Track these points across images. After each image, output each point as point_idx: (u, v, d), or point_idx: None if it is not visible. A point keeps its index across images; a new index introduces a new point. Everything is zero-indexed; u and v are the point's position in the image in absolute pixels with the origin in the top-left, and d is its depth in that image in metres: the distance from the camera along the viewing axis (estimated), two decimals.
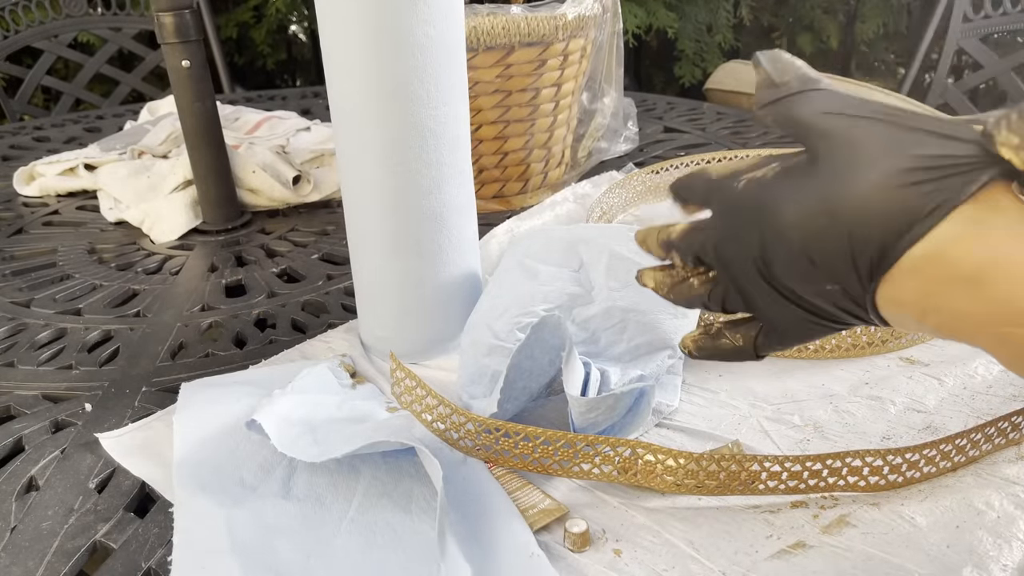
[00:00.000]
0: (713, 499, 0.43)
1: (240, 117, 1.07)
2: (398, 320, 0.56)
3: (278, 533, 0.41)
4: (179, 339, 0.62)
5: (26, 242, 0.84)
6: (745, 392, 0.52)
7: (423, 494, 0.44)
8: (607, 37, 0.88)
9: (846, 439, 0.48)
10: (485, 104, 0.79)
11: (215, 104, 0.80)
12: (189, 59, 0.77)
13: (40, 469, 0.48)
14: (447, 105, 0.51)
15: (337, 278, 0.72)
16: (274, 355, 0.59)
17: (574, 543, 0.40)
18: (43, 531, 0.43)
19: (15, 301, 0.70)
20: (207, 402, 0.52)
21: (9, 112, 1.54)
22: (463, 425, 0.46)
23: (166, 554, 0.41)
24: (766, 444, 0.47)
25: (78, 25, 1.58)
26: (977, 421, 0.48)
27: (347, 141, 0.52)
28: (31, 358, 0.60)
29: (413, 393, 0.50)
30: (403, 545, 0.40)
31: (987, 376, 0.53)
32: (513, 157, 0.84)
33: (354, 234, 0.55)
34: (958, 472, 0.44)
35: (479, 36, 0.75)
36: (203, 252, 0.80)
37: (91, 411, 0.53)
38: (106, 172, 0.91)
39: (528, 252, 0.54)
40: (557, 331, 0.47)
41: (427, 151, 0.51)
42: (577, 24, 0.79)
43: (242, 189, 0.87)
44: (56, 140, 1.18)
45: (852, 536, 0.40)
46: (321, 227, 0.84)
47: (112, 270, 0.76)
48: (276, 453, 0.46)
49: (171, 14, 0.75)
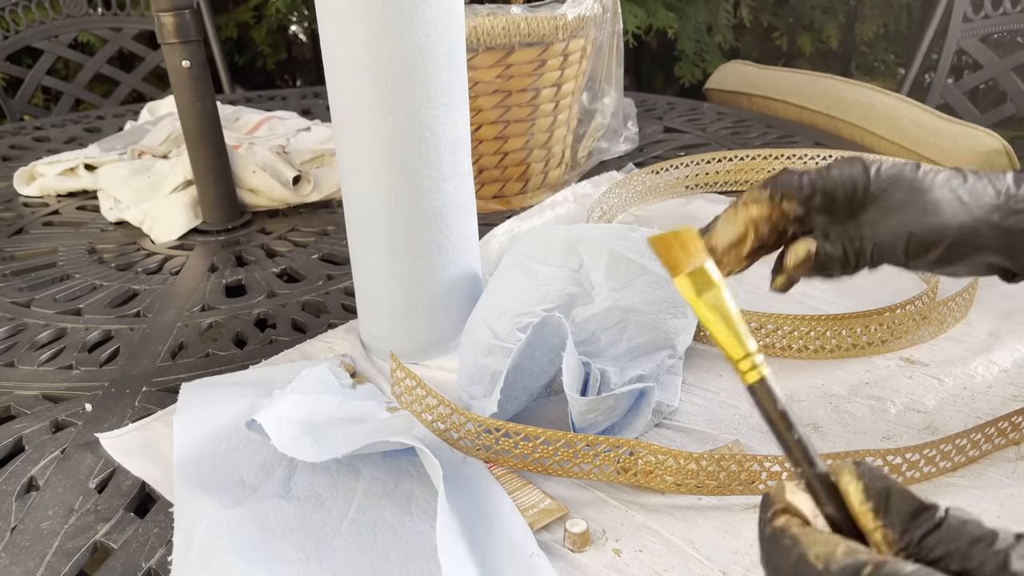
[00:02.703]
0: (713, 499, 0.43)
1: (240, 117, 1.07)
2: (398, 320, 0.56)
3: (278, 533, 0.41)
4: (179, 339, 0.62)
5: (26, 242, 0.84)
6: (745, 392, 0.52)
7: (423, 494, 0.44)
8: (607, 37, 0.88)
9: (846, 439, 0.48)
10: (485, 104, 0.79)
11: (215, 104, 0.80)
12: (189, 59, 0.77)
13: (40, 469, 0.48)
14: (447, 105, 0.51)
15: (337, 278, 0.72)
16: (274, 355, 0.59)
17: (574, 543, 0.40)
18: (43, 531, 0.43)
19: (15, 301, 0.70)
20: (207, 402, 0.52)
21: (9, 112, 1.54)
22: (463, 425, 0.46)
23: (166, 554, 0.41)
24: (766, 444, 0.47)
25: (78, 25, 1.58)
26: (977, 421, 0.49)
27: (347, 141, 0.52)
28: (31, 358, 0.60)
29: (413, 393, 0.50)
30: (403, 545, 0.40)
31: (987, 376, 0.53)
32: (513, 157, 0.84)
33: (354, 234, 0.55)
34: (958, 472, 0.44)
35: (479, 36, 0.75)
36: (203, 252, 0.80)
37: (91, 411, 0.53)
38: (106, 172, 0.91)
39: (528, 252, 0.54)
40: (557, 331, 0.47)
41: (427, 151, 0.51)
42: (577, 24, 0.79)
43: (242, 189, 0.87)
44: (56, 140, 1.18)
45: None
46: (321, 227, 0.84)
47: (112, 270, 0.76)
48: (276, 453, 0.46)
49: (171, 14, 0.75)
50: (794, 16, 2.49)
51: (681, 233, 0.30)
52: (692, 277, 0.29)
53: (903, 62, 2.49)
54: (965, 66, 1.70)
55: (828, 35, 2.40)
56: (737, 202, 0.41)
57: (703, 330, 0.57)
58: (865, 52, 2.53)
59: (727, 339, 0.29)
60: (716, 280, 0.29)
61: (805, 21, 2.44)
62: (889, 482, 0.27)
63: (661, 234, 0.30)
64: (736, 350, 0.29)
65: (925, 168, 0.40)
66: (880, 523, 0.27)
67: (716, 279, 0.29)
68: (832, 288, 0.65)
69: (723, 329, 0.29)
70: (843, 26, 2.45)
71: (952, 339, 0.58)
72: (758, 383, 0.29)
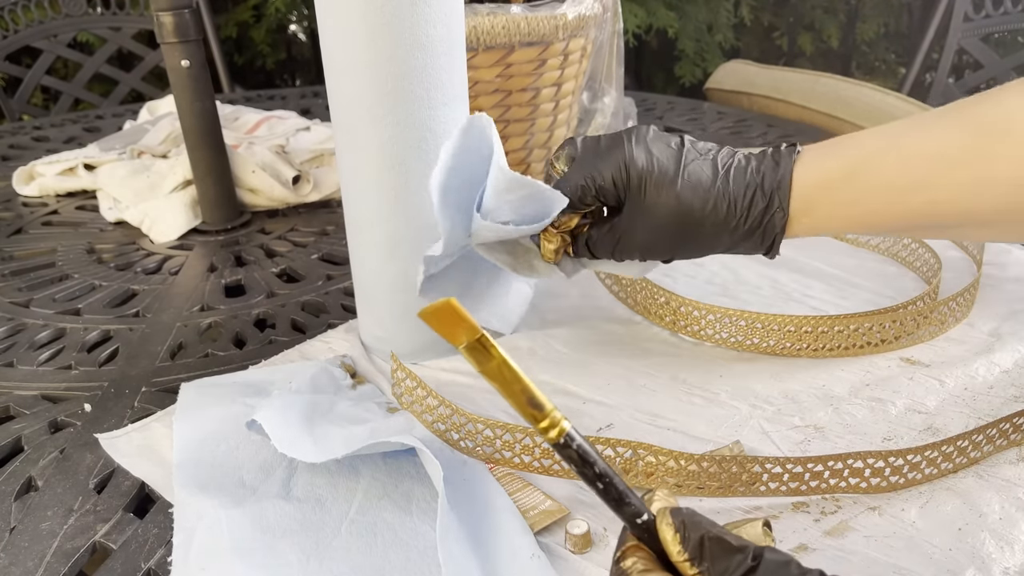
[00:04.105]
0: (714, 500, 0.43)
1: (240, 117, 1.07)
2: (398, 320, 0.56)
3: (278, 534, 0.41)
4: (178, 339, 0.62)
5: (25, 242, 0.84)
6: (746, 393, 0.52)
7: (423, 495, 0.44)
8: (607, 37, 0.88)
9: (847, 440, 0.48)
10: (485, 104, 0.79)
11: (215, 104, 0.80)
12: (189, 59, 0.77)
13: (39, 469, 0.48)
14: (447, 105, 0.51)
15: (337, 278, 0.72)
16: (274, 355, 0.58)
17: (575, 544, 0.40)
18: (42, 531, 0.43)
19: (14, 301, 0.70)
20: (207, 403, 0.52)
21: (8, 112, 1.54)
22: (464, 426, 0.46)
23: (166, 555, 0.41)
24: (767, 445, 0.47)
25: (77, 25, 1.58)
26: (978, 422, 0.48)
27: (347, 141, 0.52)
28: (30, 358, 0.60)
29: (414, 394, 0.50)
30: (403, 546, 0.40)
31: (988, 377, 0.53)
32: (513, 157, 0.84)
33: (354, 234, 0.55)
34: (959, 473, 0.44)
35: (479, 36, 0.74)
36: (202, 252, 0.79)
37: (90, 411, 0.53)
38: (105, 172, 0.91)
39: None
40: (484, 135, 0.47)
41: (427, 151, 0.51)
42: (577, 24, 0.79)
43: (242, 189, 0.87)
44: (55, 140, 1.18)
45: (854, 539, 0.40)
46: (321, 227, 0.84)
47: (111, 270, 0.76)
48: (276, 454, 0.46)
49: (171, 13, 0.75)
50: (795, 15, 2.49)
51: (444, 306, 0.29)
52: (470, 351, 0.29)
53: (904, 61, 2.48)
54: (966, 65, 1.70)
55: (829, 34, 2.40)
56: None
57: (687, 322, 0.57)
58: (866, 52, 2.53)
59: (518, 406, 0.29)
60: (494, 353, 0.29)
61: (806, 20, 2.44)
62: (704, 529, 0.28)
63: (427, 308, 0.29)
64: (530, 414, 0.29)
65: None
66: (697, 571, 0.28)
67: (494, 352, 0.29)
68: (833, 288, 0.65)
69: (511, 397, 0.29)
70: (844, 25, 2.45)
71: (953, 339, 0.57)
72: (561, 441, 0.29)
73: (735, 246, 0.49)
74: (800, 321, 0.55)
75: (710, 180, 0.47)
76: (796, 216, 0.47)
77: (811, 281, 0.66)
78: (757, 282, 0.67)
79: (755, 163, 0.47)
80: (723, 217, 0.47)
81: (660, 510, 0.30)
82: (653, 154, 0.47)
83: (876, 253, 0.71)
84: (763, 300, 0.64)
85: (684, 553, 0.28)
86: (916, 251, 0.67)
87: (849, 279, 0.67)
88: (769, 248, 0.48)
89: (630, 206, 0.48)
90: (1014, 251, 0.69)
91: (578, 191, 0.48)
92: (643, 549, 0.30)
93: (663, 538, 0.29)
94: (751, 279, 0.67)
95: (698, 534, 0.28)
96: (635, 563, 0.29)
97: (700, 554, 0.28)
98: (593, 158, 0.48)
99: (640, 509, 0.30)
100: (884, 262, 0.70)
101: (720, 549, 0.28)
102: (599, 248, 0.50)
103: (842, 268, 0.68)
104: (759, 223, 0.47)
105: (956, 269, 0.66)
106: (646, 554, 0.30)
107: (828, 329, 0.55)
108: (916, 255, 0.67)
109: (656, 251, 0.49)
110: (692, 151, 0.48)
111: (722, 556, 0.27)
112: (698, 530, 0.28)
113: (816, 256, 0.70)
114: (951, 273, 0.65)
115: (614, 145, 0.48)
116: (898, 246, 0.69)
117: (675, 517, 0.29)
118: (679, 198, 0.46)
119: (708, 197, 0.46)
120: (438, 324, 0.29)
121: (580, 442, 0.30)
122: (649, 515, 0.30)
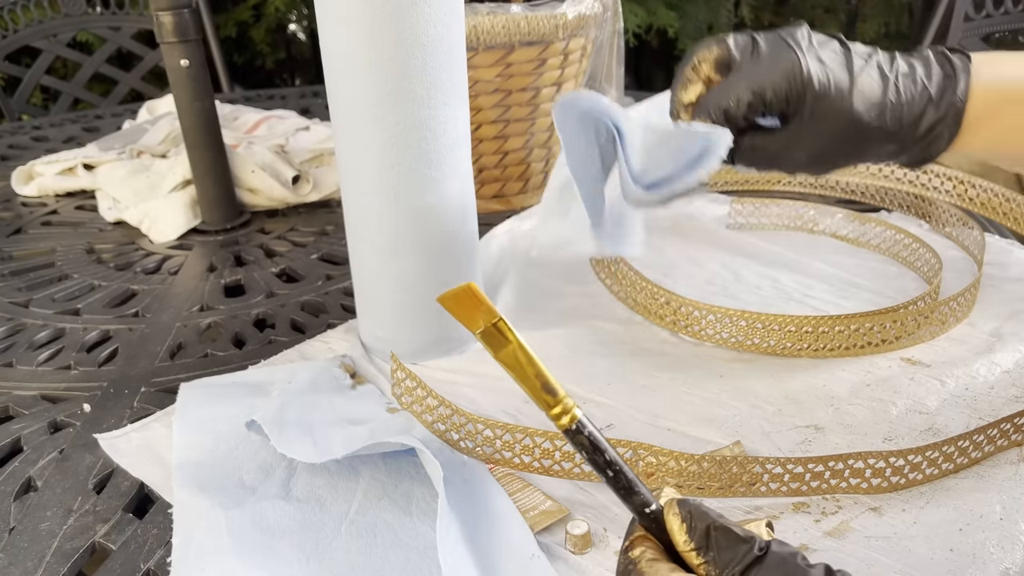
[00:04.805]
0: (715, 501, 0.43)
1: (239, 116, 1.07)
2: (398, 320, 0.56)
3: (278, 534, 0.41)
4: (178, 339, 0.62)
5: (25, 242, 0.84)
6: (746, 393, 0.52)
7: (423, 495, 0.44)
8: (607, 36, 0.88)
9: (847, 440, 0.48)
10: (485, 104, 0.79)
11: (214, 103, 0.80)
12: (188, 58, 0.76)
13: (39, 470, 0.48)
14: (447, 105, 0.51)
15: (337, 278, 0.72)
16: (273, 355, 0.58)
17: (575, 545, 0.40)
18: (42, 532, 0.43)
19: (14, 301, 0.70)
20: (206, 403, 0.52)
21: (8, 111, 1.53)
22: (464, 426, 0.46)
23: (165, 555, 0.41)
24: (767, 446, 0.47)
25: (77, 24, 1.58)
26: (979, 422, 0.48)
27: (347, 141, 0.52)
28: (30, 358, 0.60)
29: (414, 394, 0.50)
30: (403, 546, 0.40)
31: (989, 377, 0.53)
32: (513, 157, 0.84)
33: (354, 234, 0.55)
34: (960, 474, 0.44)
35: (479, 36, 0.74)
36: (202, 252, 0.79)
37: (90, 411, 0.53)
38: (105, 172, 0.91)
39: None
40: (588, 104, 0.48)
41: (427, 151, 0.51)
42: (577, 23, 0.79)
43: (241, 189, 0.87)
44: (55, 139, 1.18)
45: (855, 540, 0.40)
46: (321, 227, 0.84)
47: (111, 270, 0.76)
48: (276, 454, 0.46)
49: (170, 13, 0.75)
50: (795, 15, 2.49)
51: (464, 290, 0.29)
52: (485, 336, 0.29)
53: None
54: None
55: None
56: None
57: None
58: None
59: (532, 391, 0.29)
60: (510, 337, 0.29)
61: (806, 20, 2.43)
62: (710, 519, 0.29)
63: (446, 293, 0.29)
64: (543, 400, 0.30)
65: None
66: (703, 560, 0.28)
67: (510, 336, 0.29)
68: (833, 288, 0.65)
69: (525, 382, 0.29)
70: (844, 25, 2.45)
71: (954, 339, 0.57)
72: (572, 428, 0.30)
73: (894, 156, 0.46)
74: (800, 321, 0.55)
75: (881, 90, 0.44)
76: (967, 129, 0.44)
77: (811, 281, 0.66)
78: (757, 282, 0.67)
79: (921, 69, 0.45)
80: (891, 130, 0.44)
81: (668, 500, 0.30)
82: (825, 64, 0.44)
83: (877, 253, 0.71)
84: (763, 300, 0.64)
85: (691, 543, 0.28)
86: (917, 251, 0.67)
87: (850, 279, 0.67)
88: (924, 160, 0.46)
89: (797, 119, 0.45)
90: (1015, 251, 0.69)
91: (743, 107, 0.44)
92: (650, 539, 0.30)
93: (670, 528, 0.29)
94: (751, 279, 0.67)
95: (704, 524, 0.28)
96: (643, 552, 0.29)
97: (706, 544, 0.28)
98: (756, 67, 0.45)
99: (648, 499, 0.30)
100: (885, 262, 0.70)
101: (726, 539, 0.28)
102: (759, 160, 0.47)
103: (843, 268, 0.68)
104: (925, 135, 0.45)
105: (957, 269, 0.66)
106: (653, 544, 0.30)
107: (829, 329, 0.55)
108: (917, 255, 0.67)
109: (819, 166, 0.47)
110: (857, 58, 0.45)
111: (728, 546, 0.28)
112: (704, 520, 0.28)
113: (816, 256, 0.70)
114: (952, 273, 0.65)
115: (779, 52, 0.45)
116: (899, 246, 0.69)
117: (682, 508, 0.29)
118: (852, 112, 0.44)
119: (880, 110, 0.44)
120: (457, 308, 0.29)
121: (591, 429, 0.30)
122: (657, 505, 0.30)
